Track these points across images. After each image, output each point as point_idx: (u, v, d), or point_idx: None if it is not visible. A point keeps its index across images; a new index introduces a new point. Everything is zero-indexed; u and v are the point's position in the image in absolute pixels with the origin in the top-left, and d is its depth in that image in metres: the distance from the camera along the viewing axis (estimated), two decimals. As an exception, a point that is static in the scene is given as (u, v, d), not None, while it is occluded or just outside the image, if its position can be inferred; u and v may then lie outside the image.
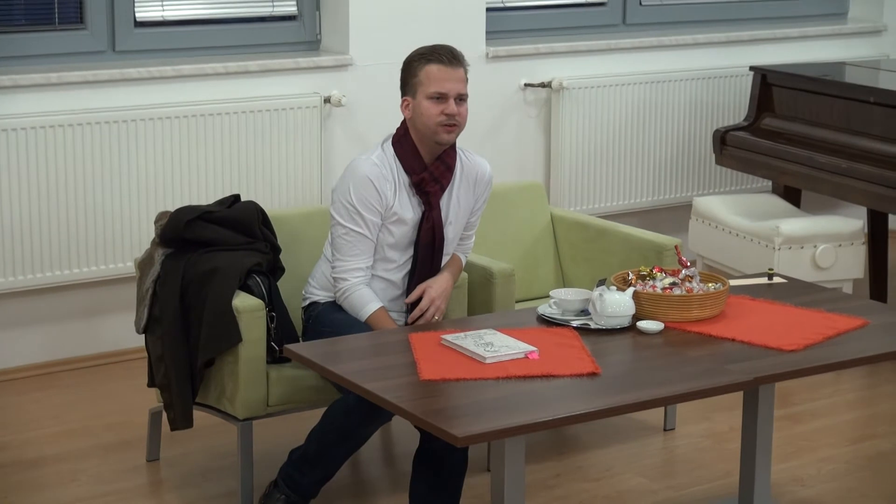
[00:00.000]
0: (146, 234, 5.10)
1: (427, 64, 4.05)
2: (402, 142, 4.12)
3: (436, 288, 4.14)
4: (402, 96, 4.12)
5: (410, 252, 4.17)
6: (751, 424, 4.10)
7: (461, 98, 4.07)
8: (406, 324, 4.17)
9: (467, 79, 4.12)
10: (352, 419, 3.88)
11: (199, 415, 4.26)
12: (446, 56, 4.06)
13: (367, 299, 4.10)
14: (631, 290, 3.88)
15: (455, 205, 4.21)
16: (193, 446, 4.63)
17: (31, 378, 5.26)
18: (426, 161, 4.12)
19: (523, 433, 3.30)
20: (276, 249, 4.39)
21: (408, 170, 4.10)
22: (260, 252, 4.30)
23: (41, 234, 5.13)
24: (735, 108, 6.61)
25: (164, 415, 4.30)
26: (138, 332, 4.31)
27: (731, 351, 3.70)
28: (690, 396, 3.55)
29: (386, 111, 5.53)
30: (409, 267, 4.18)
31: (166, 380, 4.20)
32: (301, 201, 5.53)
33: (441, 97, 4.03)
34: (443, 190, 4.16)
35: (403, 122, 4.15)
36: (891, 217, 6.29)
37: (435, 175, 4.12)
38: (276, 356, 4.16)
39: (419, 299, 4.14)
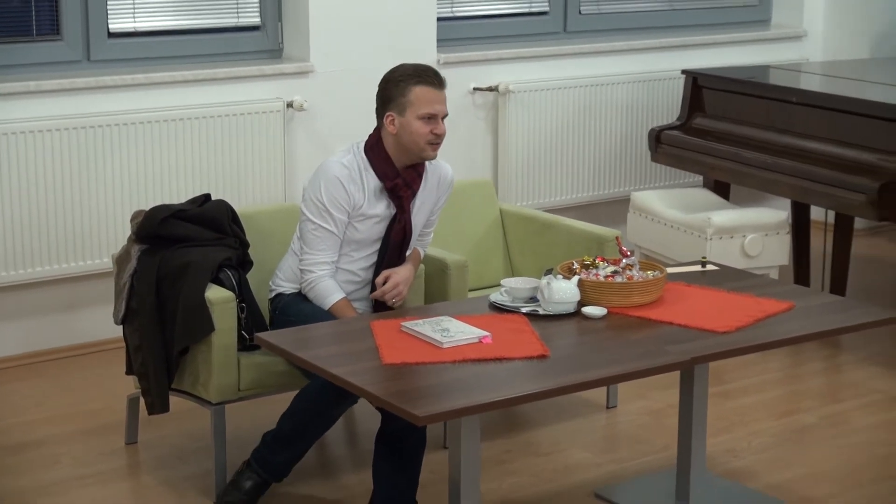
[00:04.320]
0: (122, 231, 5.09)
1: (417, 85, 4.03)
2: (376, 149, 4.12)
3: (400, 274, 4.17)
4: (387, 112, 4.07)
5: (376, 247, 4.18)
6: (687, 401, 4.12)
7: (444, 117, 4.08)
8: (371, 303, 4.21)
9: None
10: (322, 401, 3.89)
11: (174, 400, 4.25)
12: (436, 79, 4.06)
13: (330, 290, 4.11)
14: (576, 278, 3.90)
15: (421, 206, 4.23)
16: (170, 430, 4.62)
17: (14, 368, 5.23)
18: (398, 168, 4.12)
19: (479, 412, 3.33)
20: (245, 245, 4.38)
21: (380, 175, 4.10)
22: (230, 247, 4.29)
23: (24, 234, 5.11)
24: (668, 108, 6.65)
25: (142, 401, 4.29)
26: (116, 323, 4.29)
27: (669, 333, 3.73)
28: (632, 376, 3.58)
29: (345, 115, 5.56)
30: (373, 260, 4.19)
31: (144, 368, 4.19)
32: (267, 199, 5.52)
33: (432, 118, 4.03)
34: (414, 195, 4.17)
35: (377, 130, 4.13)
36: (813, 208, 6.35)
37: (407, 181, 4.13)
38: (246, 344, 4.16)
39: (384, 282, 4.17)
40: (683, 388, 4.12)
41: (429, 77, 4.05)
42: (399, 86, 4.05)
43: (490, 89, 6.20)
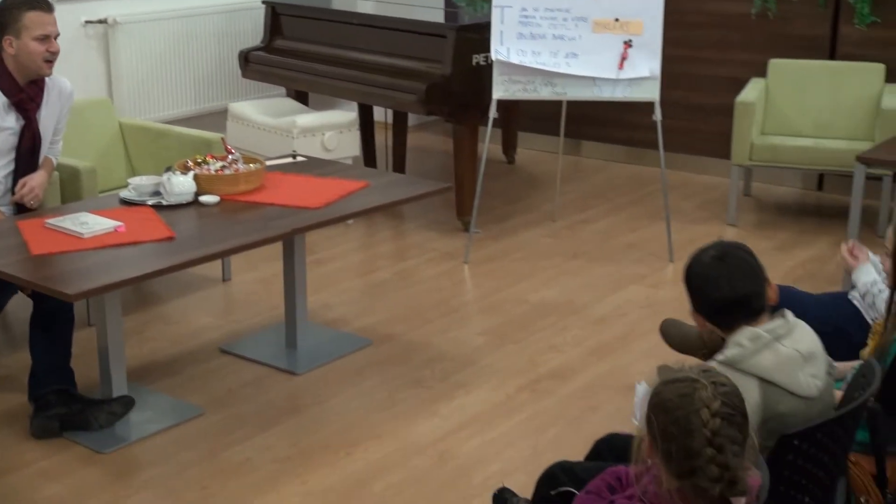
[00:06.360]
0: None
1: (30, 10, 3.88)
2: (0, 70, 3.94)
3: (35, 179, 4.03)
4: (4, 35, 3.89)
5: (11, 156, 4.00)
6: (290, 267, 4.24)
7: (56, 36, 3.94)
8: (14, 206, 4.04)
9: None
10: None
11: None
12: (45, 4, 3.92)
13: (-26, 198, 3.93)
14: (191, 173, 3.91)
15: (46, 117, 4.07)
16: None
17: None
18: (21, 84, 3.96)
19: (122, 287, 3.31)
20: None
21: (6, 92, 3.93)
22: None
23: None
24: (253, 34, 6.65)
25: None
26: None
27: (272, 213, 3.80)
28: (245, 248, 3.60)
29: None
30: (10, 168, 4.02)
31: None
32: None
33: (45, 38, 3.89)
34: (38, 107, 4.01)
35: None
36: (375, 109, 6.57)
37: (30, 95, 3.98)
38: None
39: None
40: (286, 257, 4.23)
41: (39, 3, 3.93)
42: (13, 13, 3.91)
43: (100, 21, 6.00)
